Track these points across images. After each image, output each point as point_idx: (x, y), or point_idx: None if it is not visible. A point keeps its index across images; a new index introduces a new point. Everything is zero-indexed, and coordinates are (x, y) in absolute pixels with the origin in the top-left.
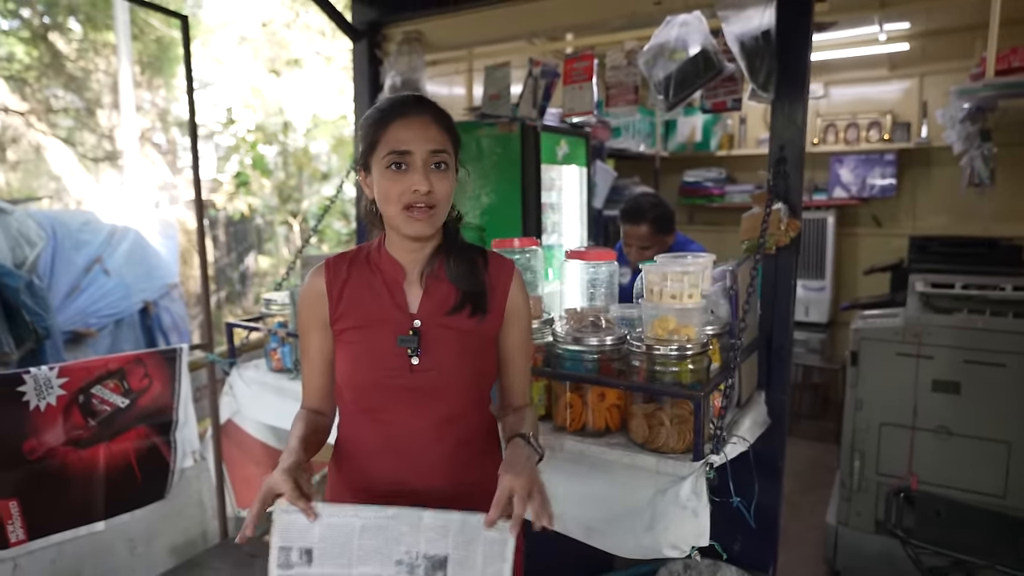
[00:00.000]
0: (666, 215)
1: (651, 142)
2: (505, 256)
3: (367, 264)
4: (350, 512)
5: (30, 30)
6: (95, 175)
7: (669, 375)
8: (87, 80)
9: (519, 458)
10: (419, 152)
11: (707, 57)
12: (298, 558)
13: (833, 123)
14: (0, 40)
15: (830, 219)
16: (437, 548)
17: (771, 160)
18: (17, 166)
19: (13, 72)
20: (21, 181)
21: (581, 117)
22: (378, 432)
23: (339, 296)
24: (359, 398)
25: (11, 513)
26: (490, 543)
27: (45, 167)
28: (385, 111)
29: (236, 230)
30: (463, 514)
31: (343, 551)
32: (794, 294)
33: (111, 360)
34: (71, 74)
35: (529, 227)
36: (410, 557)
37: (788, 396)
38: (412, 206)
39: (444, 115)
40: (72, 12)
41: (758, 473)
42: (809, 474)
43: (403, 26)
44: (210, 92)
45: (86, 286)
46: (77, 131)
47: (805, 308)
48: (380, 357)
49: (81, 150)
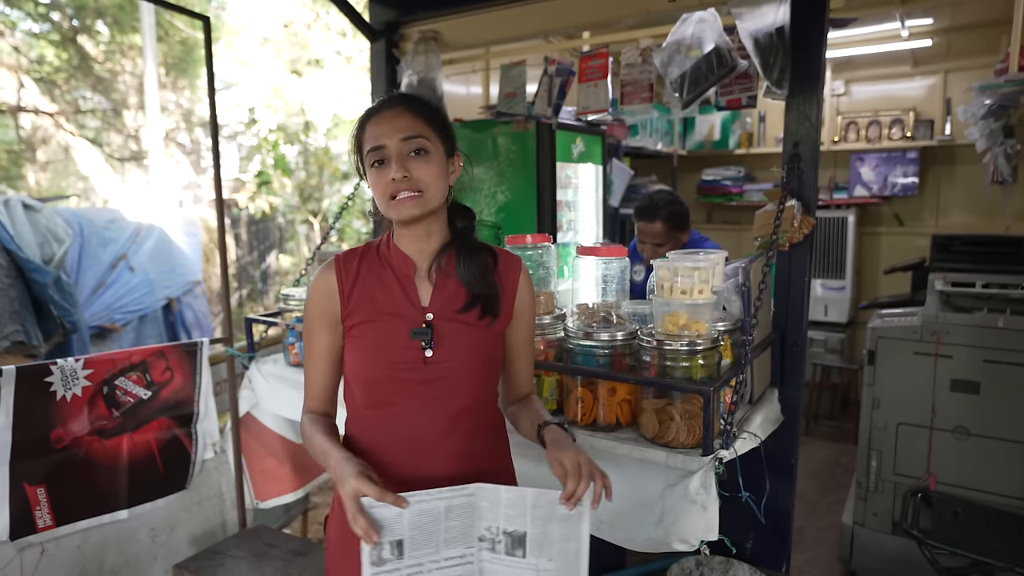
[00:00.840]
0: (680, 212)
1: (669, 140)
2: (512, 253)
3: (377, 259)
4: (435, 495)
5: (60, 33)
6: (121, 174)
7: (679, 370)
8: (114, 82)
9: (567, 440)
10: (391, 143)
11: (720, 54)
12: (389, 553)
13: (854, 120)
14: (31, 43)
15: (850, 218)
16: (516, 524)
17: (785, 157)
18: (47, 166)
19: (43, 74)
20: (50, 180)
21: (596, 115)
22: (388, 427)
23: (350, 292)
24: (370, 393)
25: (39, 499)
26: (566, 519)
27: (74, 167)
28: (363, 116)
29: (258, 229)
30: (536, 491)
31: (431, 537)
32: (808, 291)
33: (134, 353)
34: (98, 76)
35: (544, 225)
36: (491, 533)
37: (802, 393)
38: (395, 195)
39: (421, 104)
40: (100, 15)
41: (770, 470)
42: (827, 474)
43: (420, 25)
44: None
45: (111, 282)
46: (104, 131)
47: (824, 308)
48: (392, 350)
49: (108, 150)
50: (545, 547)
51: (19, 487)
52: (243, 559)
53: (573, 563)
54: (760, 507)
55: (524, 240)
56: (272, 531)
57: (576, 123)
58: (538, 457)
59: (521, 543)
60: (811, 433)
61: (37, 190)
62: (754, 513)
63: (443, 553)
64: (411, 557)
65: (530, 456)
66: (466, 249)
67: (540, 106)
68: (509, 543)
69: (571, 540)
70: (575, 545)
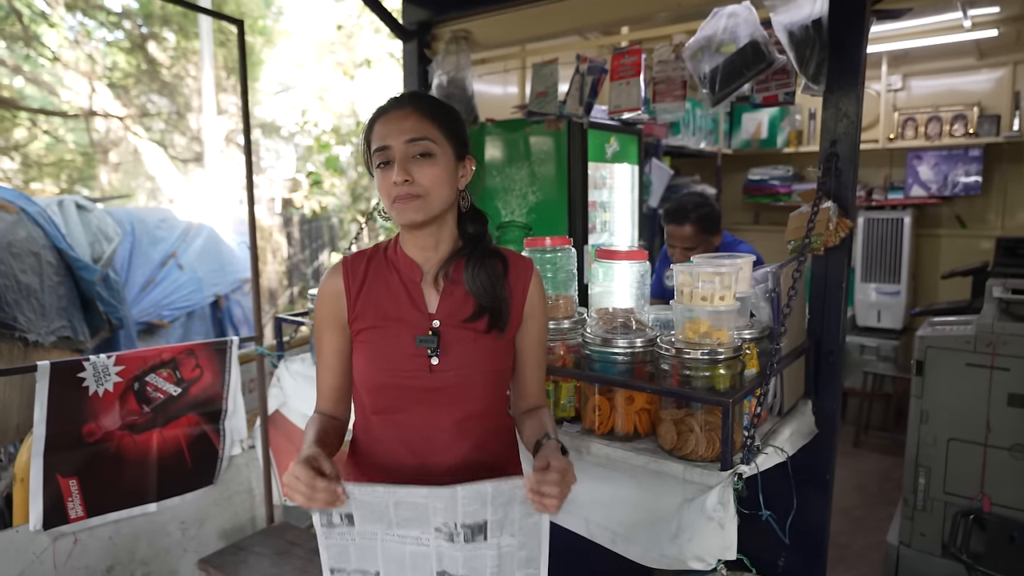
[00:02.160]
0: (711, 214)
1: (713, 139)
2: (525, 257)
3: (385, 262)
4: (381, 491)
5: (131, 40)
6: (184, 175)
7: (700, 380)
8: (179, 86)
9: (559, 453)
10: (395, 145)
11: (756, 49)
12: (339, 520)
13: (912, 117)
14: (105, 51)
15: (907, 219)
16: (475, 517)
17: (821, 156)
18: (118, 167)
19: (114, 80)
20: (121, 181)
21: (630, 114)
22: (395, 434)
23: (357, 295)
24: (376, 399)
25: (71, 491)
26: (526, 503)
27: (142, 168)
28: (373, 113)
29: (310, 228)
30: (495, 482)
31: (381, 518)
32: (846, 297)
33: (164, 350)
34: (164, 80)
35: (575, 226)
36: (448, 528)
37: (839, 405)
38: (397, 199)
39: (430, 105)
40: (166, 22)
41: (804, 485)
42: (876, 488)
43: (451, 25)
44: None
45: (160, 280)
46: (168, 134)
47: (877, 313)
48: (398, 357)
49: (172, 152)
50: (506, 526)
51: (52, 478)
52: (265, 556)
53: (534, 535)
54: (785, 526)
55: (543, 242)
56: (296, 529)
57: (610, 122)
58: None
59: (481, 530)
60: (861, 445)
61: (109, 190)
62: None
63: (396, 531)
64: (362, 527)
65: None
66: (476, 257)
67: (571, 105)
68: (468, 533)
69: (532, 515)
70: (536, 519)
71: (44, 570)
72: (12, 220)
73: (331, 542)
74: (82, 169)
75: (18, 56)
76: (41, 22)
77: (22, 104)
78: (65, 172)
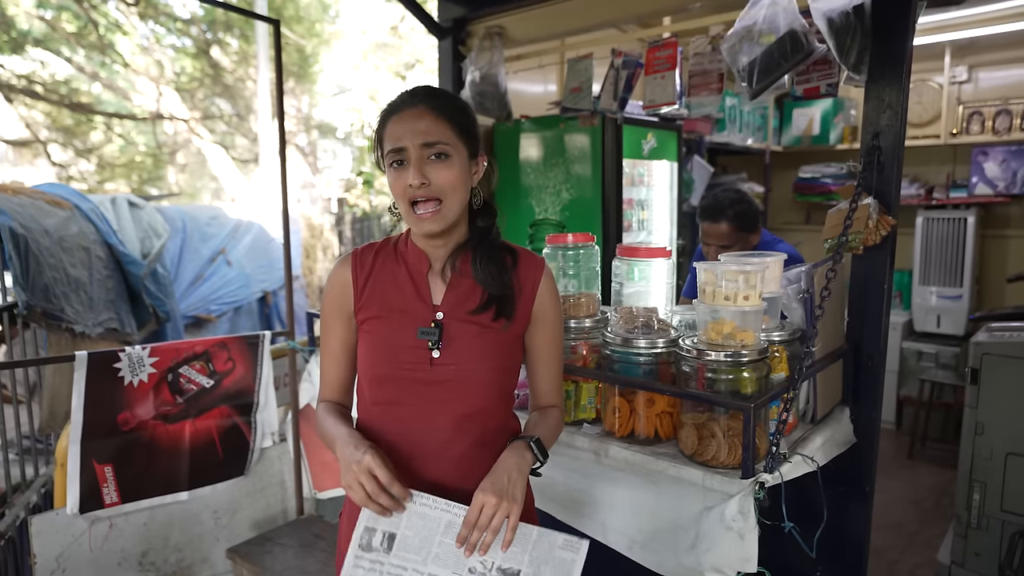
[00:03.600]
0: (748, 212)
1: (762, 136)
2: (536, 254)
3: (393, 254)
4: (441, 505)
5: (197, 46)
6: (246, 175)
7: (723, 383)
8: (241, 89)
9: (503, 469)
10: (411, 146)
11: (795, 38)
12: (379, 543)
13: (979, 111)
14: (174, 57)
15: (970, 219)
16: (512, 562)
17: (862, 149)
18: (184, 168)
19: (181, 84)
20: (187, 181)
21: (666, 108)
22: (393, 426)
23: (363, 286)
24: (377, 391)
25: (106, 477)
26: (559, 564)
27: (207, 168)
28: (385, 110)
29: (361, 226)
30: (541, 530)
31: (423, 544)
32: (888, 298)
33: (197, 343)
34: (226, 84)
35: (609, 224)
36: (484, 567)
37: (879, 413)
38: (415, 201)
39: (443, 103)
40: (229, 28)
41: (840, 498)
42: (931, 503)
43: (486, 21)
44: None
45: (209, 275)
46: (230, 136)
47: (937, 318)
48: (399, 349)
49: (233, 153)
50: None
51: (89, 465)
52: (290, 548)
53: None
54: (813, 540)
55: (564, 239)
56: (322, 522)
57: (648, 118)
58: (568, 467)
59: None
60: (917, 456)
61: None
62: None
63: (430, 567)
64: (397, 556)
65: (562, 465)
66: (484, 248)
67: (605, 100)
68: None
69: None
70: None
71: (81, 552)
72: (65, 216)
73: (357, 572)
74: (151, 170)
75: (96, 63)
76: (116, 31)
77: (98, 109)
78: (135, 173)
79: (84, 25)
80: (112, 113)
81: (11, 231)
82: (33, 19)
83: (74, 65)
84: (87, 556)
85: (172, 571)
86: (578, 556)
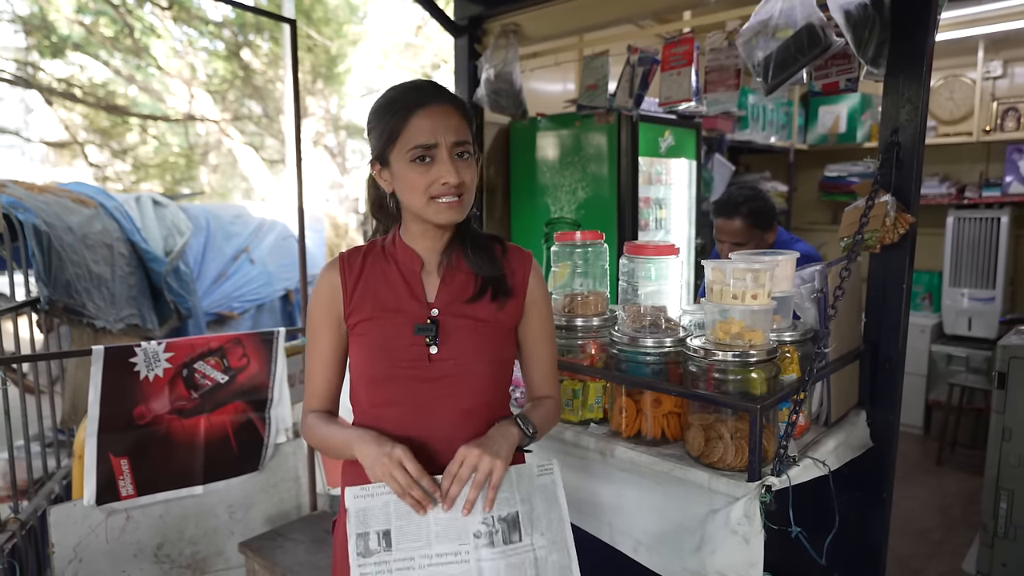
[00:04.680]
0: (763, 209)
1: (787, 134)
2: (523, 248)
3: (382, 255)
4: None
5: (228, 48)
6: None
7: (731, 384)
8: (271, 91)
9: (489, 434)
10: (444, 144)
11: (812, 32)
12: (376, 544)
13: (1014, 107)
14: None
15: (1004, 218)
16: (507, 507)
17: (881, 145)
18: (216, 168)
19: (212, 86)
20: (219, 181)
21: (684, 104)
22: (395, 427)
23: (354, 288)
24: (375, 393)
25: (122, 470)
26: (543, 489)
27: (238, 169)
28: (404, 102)
29: None
30: (515, 466)
31: (420, 529)
32: (907, 299)
33: (212, 339)
34: (255, 85)
35: (624, 223)
36: (488, 525)
37: (897, 417)
38: (439, 196)
39: (463, 103)
40: (259, 31)
41: (856, 503)
42: (958, 511)
43: (502, 19)
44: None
45: (232, 273)
46: (259, 136)
47: (968, 321)
48: (396, 348)
49: (264, 154)
50: (535, 522)
51: (105, 457)
52: (301, 543)
53: (560, 531)
54: (823, 546)
55: (573, 236)
56: (335, 518)
57: (666, 115)
58: (574, 467)
59: (516, 525)
60: (945, 462)
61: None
62: (841, 548)
63: (435, 548)
64: (399, 550)
65: (568, 464)
66: (472, 237)
67: (621, 97)
68: (506, 529)
69: (553, 509)
70: (557, 512)
71: (98, 543)
72: (90, 214)
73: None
74: (184, 170)
75: (131, 67)
76: (150, 35)
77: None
78: (169, 173)
79: (121, 29)
80: (147, 115)
81: (35, 228)
82: (73, 24)
83: (111, 68)
84: (103, 547)
85: (187, 564)
86: (555, 476)
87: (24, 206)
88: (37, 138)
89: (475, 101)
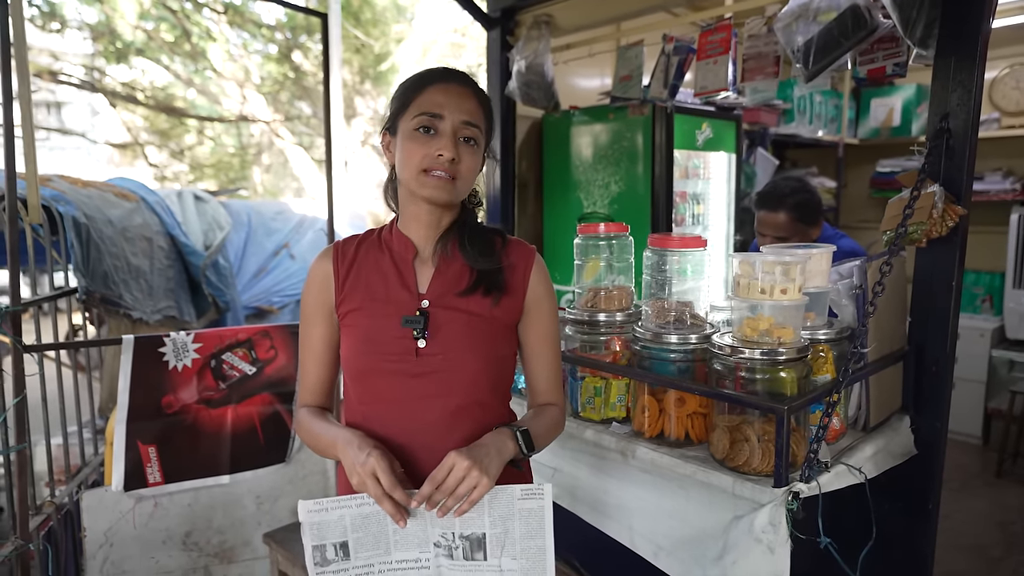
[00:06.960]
0: (810, 202)
1: (836, 127)
2: (526, 243)
3: (377, 243)
4: None
5: (281, 51)
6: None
7: (759, 383)
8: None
9: (482, 444)
10: (451, 118)
11: (857, 14)
12: (334, 554)
13: None
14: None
15: None
16: (472, 527)
17: (929, 132)
18: (269, 168)
19: (266, 89)
20: (271, 181)
21: (723, 94)
22: (381, 426)
23: (345, 277)
24: (361, 388)
25: (150, 457)
26: (527, 515)
27: (289, 169)
28: (424, 76)
29: None
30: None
31: (378, 539)
32: (957, 298)
33: (240, 331)
34: (306, 87)
35: (659, 218)
36: (447, 540)
37: (944, 423)
38: (431, 170)
39: (483, 96)
40: (310, 33)
41: (900, 514)
42: (1020, 526)
43: (535, 10)
44: None
45: (272, 268)
46: (309, 136)
47: None
48: (383, 340)
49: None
50: (507, 546)
51: (133, 445)
52: None
53: (538, 560)
54: (858, 559)
55: (596, 229)
56: None
57: (703, 107)
58: (595, 467)
59: (480, 545)
60: (1006, 475)
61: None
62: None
63: (395, 555)
64: (358, 558)
65: (589, 464)
66: (469, 228)
67: (655, 88)
68: (467, 547)
69: (535, 537)
70: (539, 542)
71: (128, 528)
72: (131, 207)
73: None
74: (238, 170)
75: (190, 70)
76: (207, 39)
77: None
78: (224, 173)
79: (180, 34)
80: (203, 116)
81: (74, 220)
82: (136, 30)
83: (171, 72)
84: (132, 533)
85: (214, 552)
86: (544, 501)
87: (66, 199)
88: (102, 140)
89: (507, 94)
